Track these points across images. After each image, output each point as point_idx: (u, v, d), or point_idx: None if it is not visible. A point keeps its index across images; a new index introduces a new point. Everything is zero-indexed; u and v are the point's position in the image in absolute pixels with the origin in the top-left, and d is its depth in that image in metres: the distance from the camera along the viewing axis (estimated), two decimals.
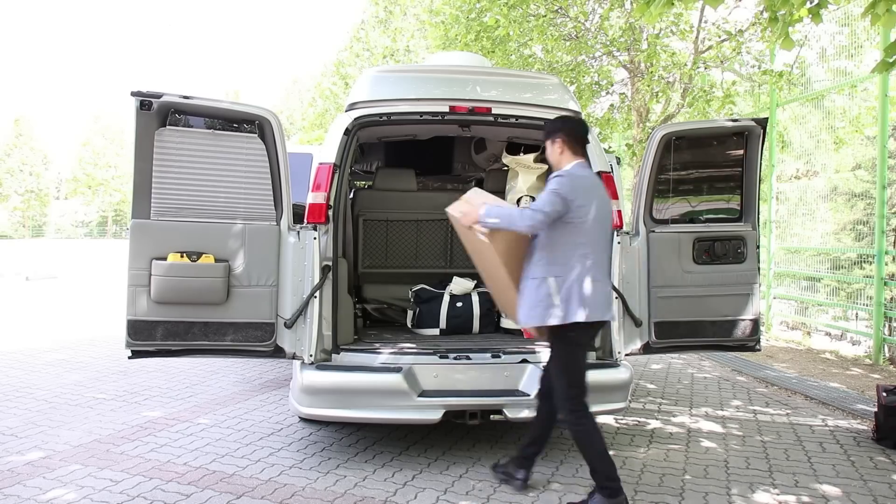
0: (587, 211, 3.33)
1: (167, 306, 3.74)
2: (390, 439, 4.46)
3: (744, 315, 4.32)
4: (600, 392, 4.08)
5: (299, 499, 3.52)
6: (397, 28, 24.77)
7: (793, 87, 9.40)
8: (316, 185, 4.00)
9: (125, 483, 3.68)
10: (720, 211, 4.46)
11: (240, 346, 3.83)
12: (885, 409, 4.53)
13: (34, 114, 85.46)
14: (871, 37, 8.07)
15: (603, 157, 4.37)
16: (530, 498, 3.58)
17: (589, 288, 3.32)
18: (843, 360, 7.47)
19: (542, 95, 4.43)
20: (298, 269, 3.91)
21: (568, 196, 3.28)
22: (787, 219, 9.63)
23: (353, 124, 4.17)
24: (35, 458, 4.05)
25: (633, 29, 9.83)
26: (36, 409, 5.11)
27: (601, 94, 10.96)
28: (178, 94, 3.69)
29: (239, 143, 3.84)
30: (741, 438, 4.67)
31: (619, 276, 4.15)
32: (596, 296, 3.34)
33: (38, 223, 61.56)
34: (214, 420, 4.88)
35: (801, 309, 9.44)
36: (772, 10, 4.49)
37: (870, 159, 8.63)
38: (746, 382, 6.43)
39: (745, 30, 9.48)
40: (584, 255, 3.33)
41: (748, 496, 3.68)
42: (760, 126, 4.25)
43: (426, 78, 4.39)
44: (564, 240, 3.33)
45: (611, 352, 4.14)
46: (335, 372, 3.89)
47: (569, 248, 3.33)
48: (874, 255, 7.41)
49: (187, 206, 3.80)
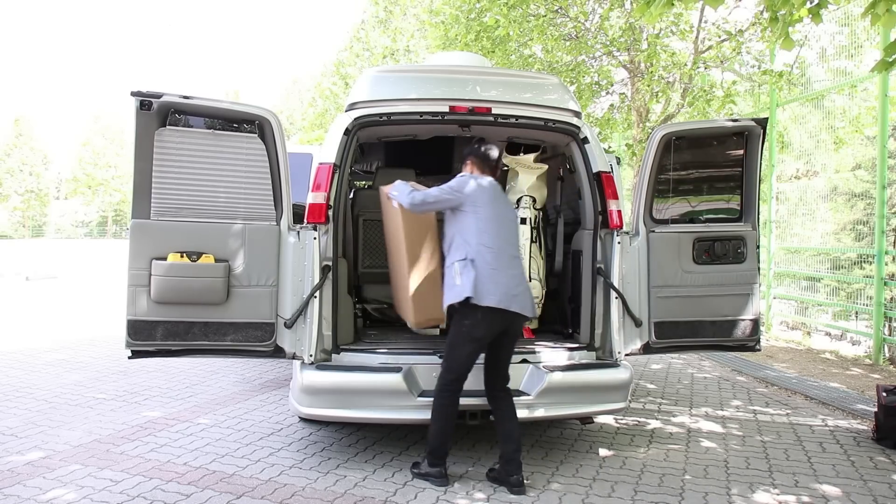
0: (485, 210, 3.69)
1: (167, 306, 3.74)
2: (390, 439, 4.46)
3: (744, 315, 4.32)
4: (600, 392, 4.10)
5: (299, 499, 3.52)
6: (397, 28, 24.77)
7: (793, 87, 9.40)
8: (316, 185, 4.00)
9: (125, 483, 3.68)
10: (720, 211, 4.46)
11: (240, 346, 3.83)
12: (885, 409, 4.53)
13: (34, 114, 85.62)
14: (871, 37, 8.07)
15: (603, 157, 4.37)
16: (530, 498, 3.58)
17: (487, 277, 3.58)
18: (843, 360, 7.47)
19: (542, 95, 4.43)
20: (298, 269, 3.91)
21: (459, 189, 3.71)
22: (787, 219, 9.63)
23: (353, 124, 4.17)
24: (35, 458, 4.05)
25: (633, 29, 9.83)
26: (36, 409, 5.11)
27: (601, 94, 10.97)
28: (178, 94, 3.69)
29: (239, 143, 3.84)
30: (741, 438, 4.67)
31: (618, 276, 4.16)
32: (497, 286, 3.58)
33: (38, 223, 61.55)
34: (214, 420, 4.88)
35: (801, 309, 9.44)
36: (772, 10, 4.49)
37: (870, 159, 8.64)
38: (746, 382, 6.43)
39: (745, 30, 9.48)
40: (485, 247, 3.63)
41: (748, 496, 3.67)
42: (760, 126, 4.25)
43: (426, 78, 4.39)
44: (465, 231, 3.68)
45: (611, 352, 4.14)
46: (335, 372, 3.89)
47: (470, 238, 3.65)
48: (874, 255, 7.41)
49: (187, 206, 3.80)
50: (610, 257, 4.19)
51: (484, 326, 3.61)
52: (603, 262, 4.27)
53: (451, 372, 3.69)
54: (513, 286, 3.65)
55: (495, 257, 3.64)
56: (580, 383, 4.03)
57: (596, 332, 4.26)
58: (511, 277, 3.67)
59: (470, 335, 3.63)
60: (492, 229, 3.69)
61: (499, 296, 3.58)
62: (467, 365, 3.69)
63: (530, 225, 4.77)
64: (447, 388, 3.69)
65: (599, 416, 4.73)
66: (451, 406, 3.70)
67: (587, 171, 4.33)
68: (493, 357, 3.77)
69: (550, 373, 3.94)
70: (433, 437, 3.71)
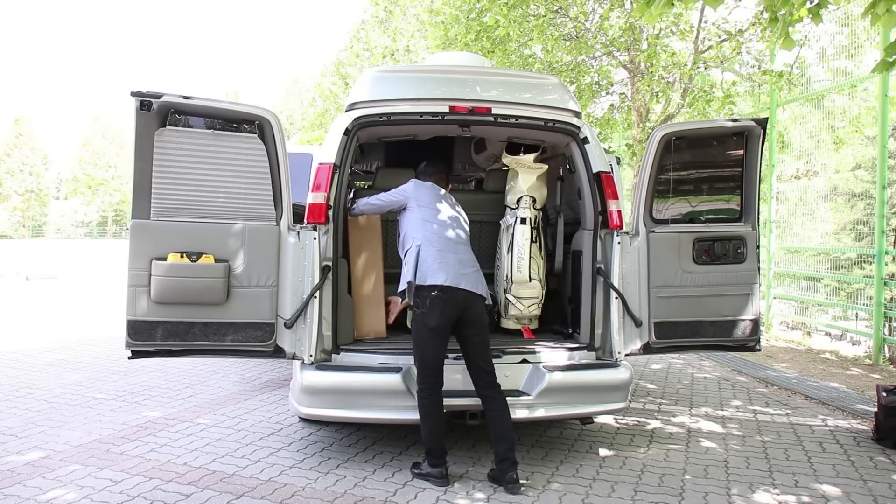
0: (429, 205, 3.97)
1: (167, 306, 3.74)
2: (390, 439, 4.46)
3: (744, 315, 4.32)
4: (600, 392, 4.09)
5: (299, 499, 3.52)
6: (397, 28, 24.75)
7: (793, 87, 9.39)
8: (316, 185, 3.99)
9: (125, 483, 3.68)
10: (720, 211, 4.45)
11: (240, 346, 3.83)
12: (885, 409, 4.53)
13: (34, 114, 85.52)
14: (871, 37, 8.07)
15: (603, 157, 4.37)
16: (530, 498, 3.58)
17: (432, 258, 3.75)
18: (843, 360, 7.47)
19: (541, 95, 4.43)
20: (298, 269, 3.91)
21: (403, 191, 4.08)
22: (787, 219, 9.63)
23: (353, 124, 4.17)
24: (35, 458, 4.05)
25: (633, 29, 9.83)
26: (36, 409, 5.11)
27: (601, 94, 10.97)
28: (177, 95, 3.69)
29: (239, 144, 3.84)
30: (741, 438, 4.67)
31: (618, 275, 4.16)
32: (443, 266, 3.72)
33: (38, 223, 61.53)
34: (214, 420, 4.88)
35: (801, 309, 9.44)
36: (772, 10, 4.49)
37: (870, 159, 8.63)
38: (746, 382, 6.43)
39: (745, 30, 9.48)
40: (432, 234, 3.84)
41: (748, 496, 3.68)
42: (760, 126, 4.25)
43: (426, 78, 4.39)
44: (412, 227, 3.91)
45: (611, 352, 4.14)
46: (335, 372, 3.89)
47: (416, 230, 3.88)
48: (874, 255, 7.41)
49: (187, 207, 3.80)
50: (610, 257, 4.19)
51: (436, 312, 3.65)
52: (603, 262, 4.27)
53: (423, 369, 3.71)
54: (462, 266, 3.78)
55: (442, 242, 3.83)
56: (580, 383, 4.04)
57: (596, 333, 4.26)
58: (459, 260, 3.82)
59: (425, 325, 3.67)
60: (438, 220, 3.93)
61: (446, 274, 3.69)
62: (435, 360, 3.71)
63: (530, 225, 4.76)
64: (423, 387, 3.71)
65: (599, 416, 4.73)
66: (434, 405, 3.71)
67: (587, 171, 4.33)
68: (465, 353, 3.82)
69: (550, 373, 3.95)
70: (425, 439, 3.73)
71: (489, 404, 3.75)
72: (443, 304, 3.65)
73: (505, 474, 3.64)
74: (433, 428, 3.70)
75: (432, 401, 3.71)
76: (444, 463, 3.74)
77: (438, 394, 3.72)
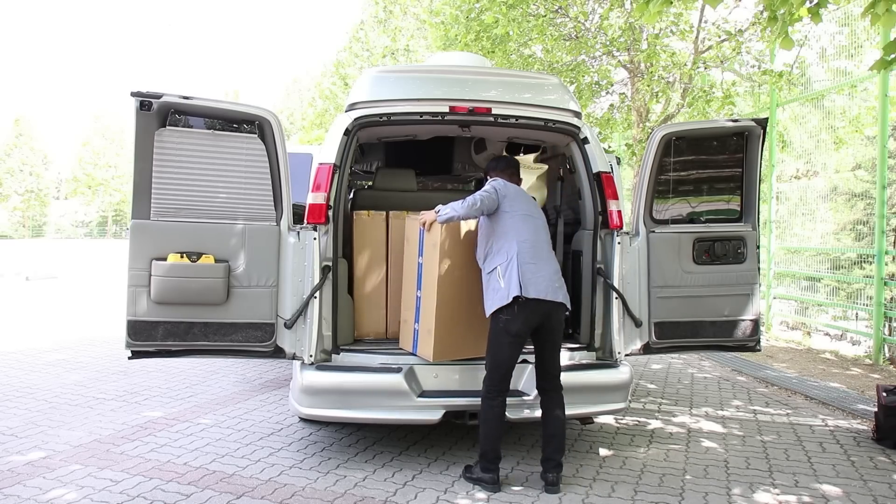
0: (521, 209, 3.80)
1: (167, 307, 3.74)
2: (390, 439, 4.46)
3: (744, 315, 4.32)
4: (600, 392, 4.10)
5: (299, 499, 3.52)
6: (397, 28, 24.75)
7: (793, 87, 9.39)
8: (316, 185, 3.99)
9: (125, 483, 3.68)
10: (720, 211, 4.45)
11: (240, 346, 3.84)
12: (885, 409, 4.53)
13: (34, 114, 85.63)
14: (871, 37, 8.07)
15: (603, 157, 4.37)
16: (530, 498, 3.58)
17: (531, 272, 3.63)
18: (843, 360, 7.47)
19: (541, 95, 4.42)
20: (298, 269, 3.91)
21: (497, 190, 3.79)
22: (787, 219, 9.63)
23: (353, 124, 4.17)
24: (35, 458, 4.05)
25: (633, 29, 9.83)
26: (36, 409, 5.11)
27: (601, 94, 10.97)
28: (177, 95, 3.69)
29: (239, 144, 3.84)
30: (741, 438, 4.67)
31: (618, 276, 4.16)
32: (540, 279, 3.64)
33: (38, 223, 61.54)
34: (214, 420, 4.88)
35: (801, 309, 9.44)
36: (771, 10, 4.49)
37: (870, 159, 8.63)
38: (746, 382, 6.43)
39: (745, 30, 9.48)
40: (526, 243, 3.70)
41: (748, 496, 3.67)
42: (760, 126, 4.25)
43: (426, 78, 4.39)
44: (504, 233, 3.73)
45: (611, 352, 4.14)
46: (335, 372, 3.89)
47: (509, 238, 3.71)
48: (874, 255, 7.41)
49: (187, 207, 3.80)
50: (610, 257, 4.19)
51: (520, 320, 3.62)
52: (603, 262, 4.27)
53: (494, 373, 3.67)
54: (556, 279, 3.74)
55: (535, 253, 3.72)
56: (580, 383, 4.03)
57: (596, 333, 4.27)
58: (555, 270, 3.78)
59: (507, 330, 3.63)
60: (528, 227, 3.78)
61: (544, 287, 3.65)
62: (508, 364, 3.68)
63: None
64: (492, 390, 3.67)
65: (599, 416, 4.73)
66: (499, 407, 3.68)
67: (587, 171, 4.33)
68: (538, 353, 3.81)
69: None
70: (482, 441, 3.67)
71: (547, 403, 3.76)
72: (529, 312, 3.63)
73: (546, 474, 3.68)
74: (493, 431, 3.66)
75: (498, 403, 3.67)
76: (496, 469, 3.69)
77: (504, 398, 3.70)
